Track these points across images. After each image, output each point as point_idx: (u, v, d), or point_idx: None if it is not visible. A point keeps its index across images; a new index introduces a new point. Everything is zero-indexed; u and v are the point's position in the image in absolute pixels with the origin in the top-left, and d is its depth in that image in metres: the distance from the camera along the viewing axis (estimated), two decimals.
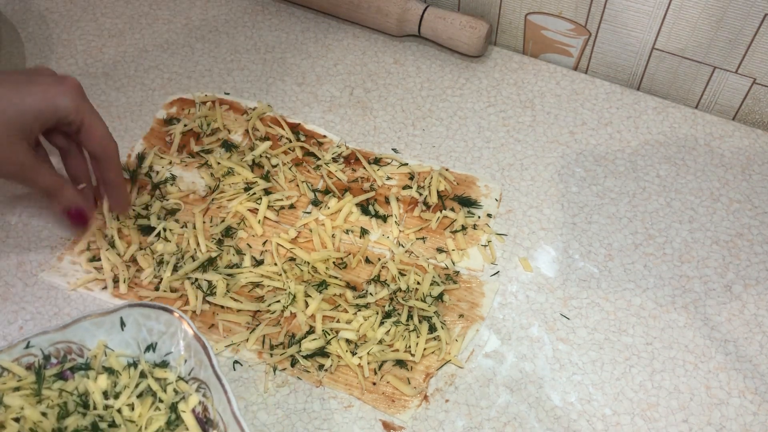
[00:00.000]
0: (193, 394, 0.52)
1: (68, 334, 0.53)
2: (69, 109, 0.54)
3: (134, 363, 0.54)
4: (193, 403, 0.51)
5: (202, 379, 0.52)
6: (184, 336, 0.53)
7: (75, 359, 0.54)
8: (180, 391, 0.52)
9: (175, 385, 0.52)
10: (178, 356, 0.53)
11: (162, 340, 0.54)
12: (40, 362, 0.53)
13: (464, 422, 0.55)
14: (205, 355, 0.51)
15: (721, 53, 0.68)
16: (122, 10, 0.81)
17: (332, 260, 0.62)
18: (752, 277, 0.61)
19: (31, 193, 0.67)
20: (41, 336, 0.52)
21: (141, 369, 0.53)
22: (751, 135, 0.69)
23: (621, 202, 0.65)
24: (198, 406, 0.51)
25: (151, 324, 0.54)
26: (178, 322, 0.53)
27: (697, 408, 0.55)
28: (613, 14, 0.69)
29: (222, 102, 0.72)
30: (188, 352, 0.53)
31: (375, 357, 0.57)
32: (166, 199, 0.65)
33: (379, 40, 0.77)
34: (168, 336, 0.53)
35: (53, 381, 0.52)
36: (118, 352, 0.54)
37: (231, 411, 0.49)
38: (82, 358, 0.54)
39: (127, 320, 0.54)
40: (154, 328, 0.54)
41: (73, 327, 0.53)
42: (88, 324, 0.53)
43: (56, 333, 0.53)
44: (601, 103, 0.72)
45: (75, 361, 0.54)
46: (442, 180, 0.66)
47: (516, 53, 0.76)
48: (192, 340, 0.52)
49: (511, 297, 0.60)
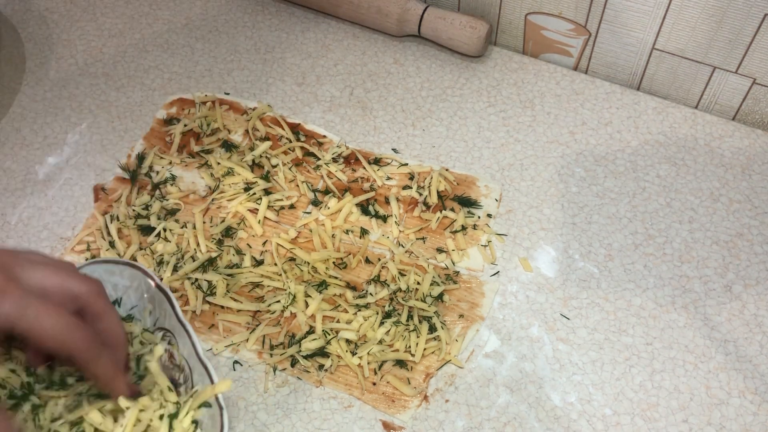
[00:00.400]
0: (158, 344, 0.52)
1: None
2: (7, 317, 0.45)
3: None
4: (159, 353, 0.52)
5: (167, 327, 0.53)
6: (147, 288, 0.54)
7: None
8: (146, 342, 0.53)
9: (141, 337, 0.54)
10: (143, 309, 0.54)
11: (127, 294, 0.55)
12: None
13: (464, 422, 0.55)
14: (168, 304, 0.53)
15: (721, 53, 0.67)
16: (122, 10, 0.80)
17: (332, 260, 0.62)
18: (752, 277, 0.61)
19: (31, 193, 0.67)
20: None
21: None
22: (751, 135, 0.69)
23: (621, 202, 0.65)
24: (164, 354, 0.53)
25: (115, 279, 0.55)
26: (141, 275, 0.54)
27: (697, 408, 0.55)
28: (613, 14, 0.69)
29: (222, 102, 0.72)
30: (152, 304, 0.54)
31: (375, 357, 0.57)
32: (166, 199, 0.66)
33: (379, 40, 0.77)
34: (132, 290, 0.55)
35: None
36: None
37: (196, 354, 0.50)
38: None
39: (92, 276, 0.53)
40: (118, 283, 0.55)
41: None
42: None
43: None
44: (601, 103, 0.72)
45: None
46: (442, 180, 0.66)
47: (516, 53, 0.76)
48: (155, 292, 0.54)
49: (511, 297, 0.60)
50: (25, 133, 0.71)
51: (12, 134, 0.71)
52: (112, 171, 0.68)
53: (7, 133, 0.71)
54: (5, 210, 0.66)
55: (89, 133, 0.71)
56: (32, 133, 0.71)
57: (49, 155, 0.69)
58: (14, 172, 0.68)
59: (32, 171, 0.69)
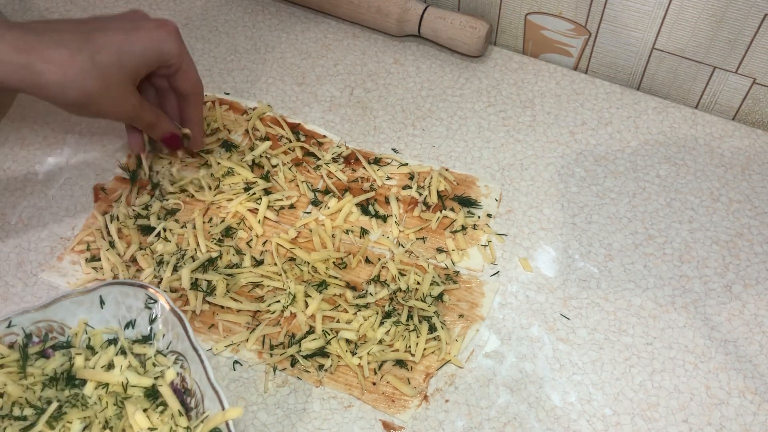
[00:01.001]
0: (170, 367, 0.53)
1: (49, 313, 0.54)
2: (172, 53, 0.58)
3: (114, 340, 0.55)
4: (171, 376, 0.52)
5: (180, 351, 0.53)
6: (161, 311, 0.54)
7: (56, 337, 0.54)
8: (159, 365, 0.53)
9: (154, 359, 0.54)
10: (157, 331, 0.54)
11: (141, 316, 0.55)
12: (22, 340, 0.53)
13: (464, 422, 0.55)
14: (181, 327, 0.52)
15: (721, 53, 0.67)
16: (122, 10, 0.80)
17: (332, 260, 0.62)
18: (752, 277, 0.61)
19: (31, 193, 0.67)
20: (22, 315, 0.53)
21: (121, 345, 0.54)
22: (751, 135, 0.69)
23: (621, 202, 0.65)
24: (176, 378, 0.53)
25: (129, 301, 0.55)
26: (155, 298, 0.54)
27: (697, 408, 0.55)
28: (613, 14, 0.69)
29: (222, 102, 0.72)
30: (166, 327, 0.54)
31: (375, 357, 0.57)
32: (166, 199, 0.65)
33: (379, 40, 0.77)
34: (146, 312, 0.54)
35: (35, 359, 0.53)
36: (99, 330, 0.55)
37: (207, 380, 0.50)
38: (63, 337, 0.54)
39: (107, 298, 0.55)
40: (132, 305, 0.55)
41: (54, 306, 0.54)
42: (68, 303, 0.54)
43: (37, 312, 0.54)
44: (601, 103, 0.72)
45: (56, 339, 0.54)
46: (442, 180, 0.66)
47: (516, 53, 0.76)
48: (169, 315, 0.53)
49: (511, 297, 0.60)
50: (25, 133, 0.71)
51: (12, 134, 0.71)
52: (112, 171, 0.68)
53: (7, 133, 0.71)
54: (5, 210, 0.66)
55: (89, 133, 0.71)
56: (32, 133, 0.71)
57: (49, 155, 0.69)
58: (14, 172, 0.68)
59: (32, 171, 0.69)
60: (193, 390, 0.52)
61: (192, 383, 0.52)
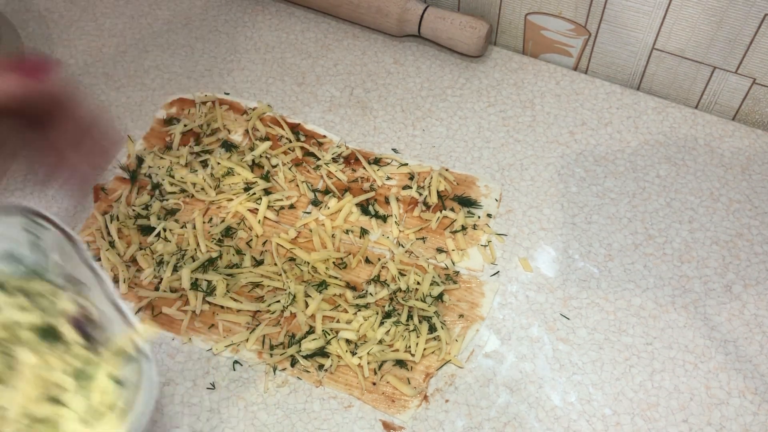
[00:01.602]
0: (65, 301, 0.45)
1: None
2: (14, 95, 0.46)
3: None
4: (68, 308, 0.45)
5: (76, 276, 0.45)
6: (45, 234, 0.46)
7: None
8: (53, 299, 0.46)
9: (48, 296, 0.46)
10: (43, 259, 0.47)
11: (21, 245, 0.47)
12: None
13: (464, 422, 0.55)
14: (71, 246, 0.45)
15: (721, 53, 0.68)
16: (122, 10, 0.80)
17: (332, 260, 0.62)
18: (752, 277, 0.61)
19: (30, 193, 0.67)
20: None
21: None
22: (751, 135, 0.69)
23: (621, 202, 0.65)
24: (76, 308, 0.45)
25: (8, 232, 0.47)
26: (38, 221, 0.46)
27: (697, 408, 0.55)
28: (613, 14, 0.69)
29: (222, 102, 0.72)
30: (54, 252, 0.46)
31: (375, 357, 0.57)
32: (166, 199, 0.65)
33: (379, 40, 0.77)
34: (27, 239, 0.47)
35: None
36: None
37: (111, 302, 0.43)
38: None
39: None
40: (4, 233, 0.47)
41: None
42: None
43: None
44: (601, 103, 0.72)
45: None
46: (442, 180, 0.66)
47: (516, 53, 0.76)
48: (60, 239, 0.46)
49: (511, 297, 0.60)
50: None
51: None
52: (112, 171, 0.68)
53: None
54: None
55: None
56: None
57: None
58: (14, 172, 0.68)
59: (32, 171, 0.68)
60: (98, 320, 0.44)
61: (96, 313, 0.44)
